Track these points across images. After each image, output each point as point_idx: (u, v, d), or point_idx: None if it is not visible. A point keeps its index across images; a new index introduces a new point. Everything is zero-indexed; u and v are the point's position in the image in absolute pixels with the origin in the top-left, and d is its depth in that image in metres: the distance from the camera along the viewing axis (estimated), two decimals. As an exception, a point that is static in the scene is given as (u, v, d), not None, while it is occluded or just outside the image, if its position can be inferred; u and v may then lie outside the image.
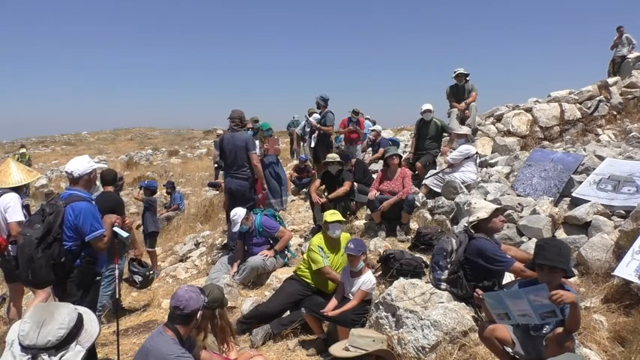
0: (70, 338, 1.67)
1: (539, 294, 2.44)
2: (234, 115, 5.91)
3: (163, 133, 36.28)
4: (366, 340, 3.05)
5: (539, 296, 2.43)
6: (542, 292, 2.42)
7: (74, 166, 3.33)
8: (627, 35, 11.66)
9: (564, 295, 2.37)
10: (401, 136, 12.75)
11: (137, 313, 5.43)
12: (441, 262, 3.82)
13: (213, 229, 8.56)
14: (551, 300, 2.37)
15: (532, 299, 2.46)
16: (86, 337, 1.70)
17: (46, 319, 1.68)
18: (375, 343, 3.06)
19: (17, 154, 14.77)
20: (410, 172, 6.01)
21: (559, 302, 2.38)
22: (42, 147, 29.70)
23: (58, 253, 3.13)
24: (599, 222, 4.26)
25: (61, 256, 3.15)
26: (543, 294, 2.41)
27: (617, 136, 7.99)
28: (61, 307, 1.77)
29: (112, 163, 20.96)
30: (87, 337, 1.70)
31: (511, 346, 2.78)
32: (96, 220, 3.24)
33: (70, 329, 1.67)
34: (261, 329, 4.10)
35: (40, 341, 1.62)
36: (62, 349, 1.65)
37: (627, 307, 3.34)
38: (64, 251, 3.16)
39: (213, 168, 11.21)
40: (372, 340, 3.06)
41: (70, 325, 1.68)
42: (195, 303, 2.68)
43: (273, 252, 5.36)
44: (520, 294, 2.53)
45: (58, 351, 1.64)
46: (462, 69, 8.49)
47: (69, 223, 3.16)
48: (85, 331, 1.72)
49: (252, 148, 5.84)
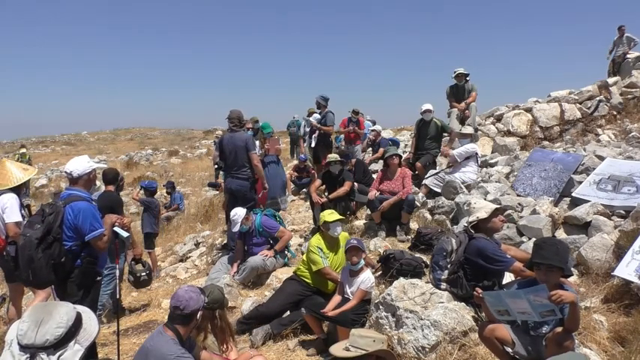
0: (68, 337, 1.67)
1: (538, 294, 2.44)
2: (233, 116, 5.90)
3: (163, 133, 36.28)
4: (366, 340, 3.05)
5: (538, 296, 2.44)
6: (542, 292, 2.43)
7: (73, 166, 3.33)
8: (628, 35, 11.65)
9: (564, 295, 2.37)
10: (401, 136, 12.75)
11: (137, 313, 5.43)
12: (441, 262, 3.82)
13: (213, 229, 8.57)
14: (551, 300, 2.38)
15: (532, 299, 2.47)
16: (85, 336, 1.70)
17: (44, 319, 1.68)
18: (376, 343, 3.05)
19: (17, 154, 14.77)
20: (410, 172, 6.01)
21: (559, 302, 2.38)
22: (42, 147, 29.71)
23: (58, 253, 3.13)
24: (599, 222, 4.26)
25: (61, 256, 3.14)
26: (543, 294, 2.42)
27: (617, 136, 7.99)
28: (59, 307, 1.77)
29: (112, 163, 20.95)
30: (86, 336, 1.70)
31: (511, 346, 2.78)
32: (95, 219, 3.24)
33: (68, 328, 1.67)
34: (261, 329, 4.10)
35: (38, 340, 1.62)
36: (61, 348, 1.64)
37: (627, 307, 3.34)
38: (64, 251, 3.16)
39: (213, 168, 11.21)
40: (372, 341, 3.06)
41: (68, 324, 1.68)
42: (195, 303, 2.68)
43: (273, 252, 5.36)
44: (520, 294, 2.54)
45: (57, 350, 1.64)
46: (462, 69, 8.49)
47: (69, 223, 3.16)
48: (84, 330, 1.72)
49: (252, 148, 5.84)
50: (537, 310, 2.49)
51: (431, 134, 7.27)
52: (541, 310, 2.48)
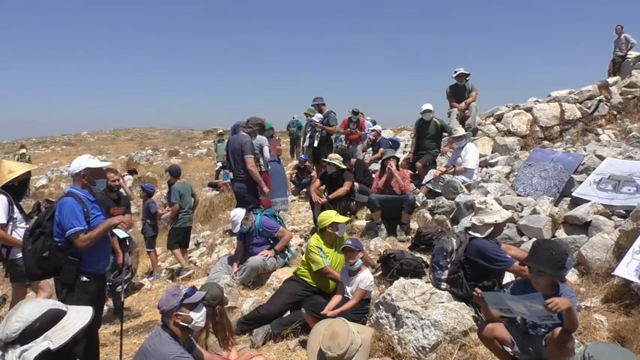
0: (32, 333, 1.65)
1: (534, 301, 2.45)
2: (253, 121, 6.03)
3: (163, 133, 36.29)
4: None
5: (534, 303, 2.45)
6: (537, 299, 2.43)
7: (71, 164, 3.43)
8: (626, 35, 11.65)
9: (559, 303, 2.35)
10: (401, 136, 12.74)
11: (137, 313, 5.44)
12: (441, 261, 3.81)
13: (213, 229, 8.57)
14: (547, 309, 2.37)
15: (528, 305, 2.47)
16: (60, 334, 1.67)
17: (10, 314, 1.69)
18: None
19: (17, 155, 14.78)
20: (408, 173, 6.02)
21: (554, 311, 2.37)
22: (42, 147, 29.71)
23: (41, 246, 3.14)
24: (600, 222, 4.25)
25: (44, 250, 3.14)
26: (538, 301, 2.42)
27: (617, 136, 7.99)
28: (29, 303, 1.76)
29: (113, 163, 20.95)
30: (61, 335, 1.67)
31: (510, 346, 2.78)
32: (74, 216, 3.16)
33: (29, 323, 1.65)
34: (262, 329, 4.10)
35: (2, 335, 1.64)
36: (27, 343, 1.64)
37: (627, 307, 3.34)
38: (47, 246, 3.15)
39: (214, 169, 11.18)
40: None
41: (28, 319, 1.65)
42: (165, 303, 2.68)
43: (273, 252, 5.36)
44: (516, 299, 2.55)
45: (23, 345, 1.63)
46: (462, 69, 8.49)
47: (56, 219, 3.18)
48: (62, 328, 1.69)
49: (248, 152, 5.68)
50: (535, 314, 2.50)
51: (431, 134, 7.28)
52: (538, 314, 2.48)
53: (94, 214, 3.32)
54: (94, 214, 3.32)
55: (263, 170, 6.39)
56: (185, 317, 2.68)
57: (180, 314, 2.68)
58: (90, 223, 3.24)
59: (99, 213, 3.40)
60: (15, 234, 4.08)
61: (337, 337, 2.64)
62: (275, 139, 8.30)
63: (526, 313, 2.54)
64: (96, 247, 3.30)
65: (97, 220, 3.31)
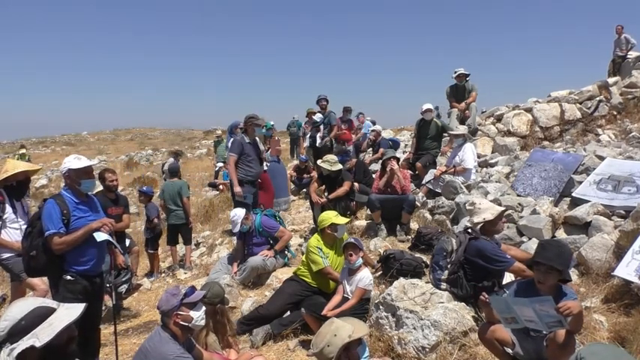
0: (20, 330, 1.70)
1: (544, 305, 2.40)
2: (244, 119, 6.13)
3: (163, 133, 36.31)
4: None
5: (544, 307, 2.40)
6: (547, 303, 2.39)
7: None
8: (626, 35, 11.65)
9: (572, 307, 2.34)
10: (401, 136, 12.73)
11: (137, 313, 5.43)
12: (441, 262, 3.82)
13: (213, 229, 8.56)
14: (559, 312, 2.34)
15: (538, 309, 2.43)
16: (48, 331, 1.71)
17: (2, 313, 1.76)
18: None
19: (17, 155, 14.77)
20: (408, 173, 6.02)
21: (567, 314, 2.35)
22: (42, 147, 29.72)
23: (29, 245, 3.23)
24: (600, 222, 4.26)
25: (32, 249, 3.21)
26: (548, 305, 2.38)
27: (617, 136, 7.99)
28: (19, 301, 1.81)
29: (112, 163, 20.97)
30: (48, 332, 1.71)
31: (511, 347, 2.78)
32: (49, 219, 3.15)
33: (15, 322, 1.70)
34: (262, 329, 4.10)
35: None
36: (16, 341, 1.68)
37: (627, 307, 3.35)
38: (34, 245, 3.22)
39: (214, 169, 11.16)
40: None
41: (15, 317, 1.71)
42: (165, 303, 2.69)
43: (273, 252, 5.36)
44: (525, 302, 2.49)
45: (12, 343, 1.68)
46: (462, 69, 8.50)
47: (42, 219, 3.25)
48: (50, 325, 1.73)
49: (231, 150, 5.99)
50: (544, 320, 2.44)
51: (431, 134, 7.28)
52: (547, 320, 2.43)
53: (77, 215, 3.27)
54: (77, 215, 3.27)
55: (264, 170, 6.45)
56: (185, 317, 2.69)
57: (180, 314, 2.68)
58: (70, 226, 3.22)
59: (85, 215, 3.33)
60: (5, 234, 4.08)
61: (319, 335, 2.57)
62: (275, 139, 8.31)
63: (533, 321, 2.48)
64: (79, 246, 3.26)
65: (79, 222, 3.26)
